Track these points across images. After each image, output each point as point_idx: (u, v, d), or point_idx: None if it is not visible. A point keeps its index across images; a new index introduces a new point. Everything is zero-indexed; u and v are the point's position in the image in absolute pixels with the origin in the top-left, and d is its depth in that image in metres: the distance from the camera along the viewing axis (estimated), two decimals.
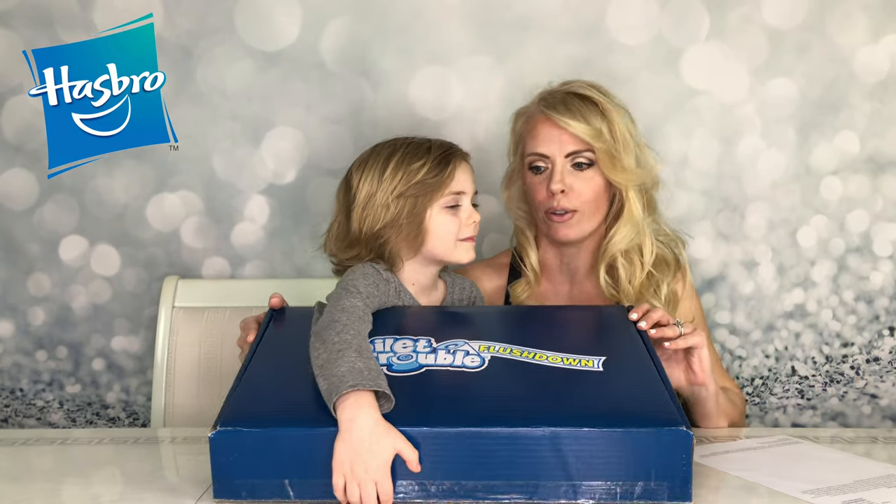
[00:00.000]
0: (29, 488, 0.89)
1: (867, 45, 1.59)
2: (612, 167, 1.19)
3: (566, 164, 1.21)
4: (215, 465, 0.80)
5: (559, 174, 1.20)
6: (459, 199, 1.14)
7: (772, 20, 1.58)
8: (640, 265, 1.22)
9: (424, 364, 0.90)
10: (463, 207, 1.14)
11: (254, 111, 1.57)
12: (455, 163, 1.14)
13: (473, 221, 1.15)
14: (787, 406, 1.66)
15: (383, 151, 1.15)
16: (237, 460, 0.80)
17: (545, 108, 1.22)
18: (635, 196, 1.21)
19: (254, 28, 1.55)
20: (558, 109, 1.20)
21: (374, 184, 1.12)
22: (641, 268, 1.22)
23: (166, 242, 1.59)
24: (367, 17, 1.56)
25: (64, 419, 1.63)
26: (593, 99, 1.20)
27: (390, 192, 1.11)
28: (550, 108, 1.21)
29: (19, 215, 1.57)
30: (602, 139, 1.18)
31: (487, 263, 1.42)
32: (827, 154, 1.62)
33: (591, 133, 1.18)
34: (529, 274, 1.31)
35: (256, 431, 0.81)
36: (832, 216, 1.63)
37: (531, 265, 1.31)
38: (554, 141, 1.21)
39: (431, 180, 1.12)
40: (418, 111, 1.58)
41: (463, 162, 1.16)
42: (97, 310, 1.60)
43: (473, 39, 1.57)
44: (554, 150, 1.21)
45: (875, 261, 1.64)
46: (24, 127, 1.56)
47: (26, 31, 1.53)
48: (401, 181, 1.11)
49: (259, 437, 0.80)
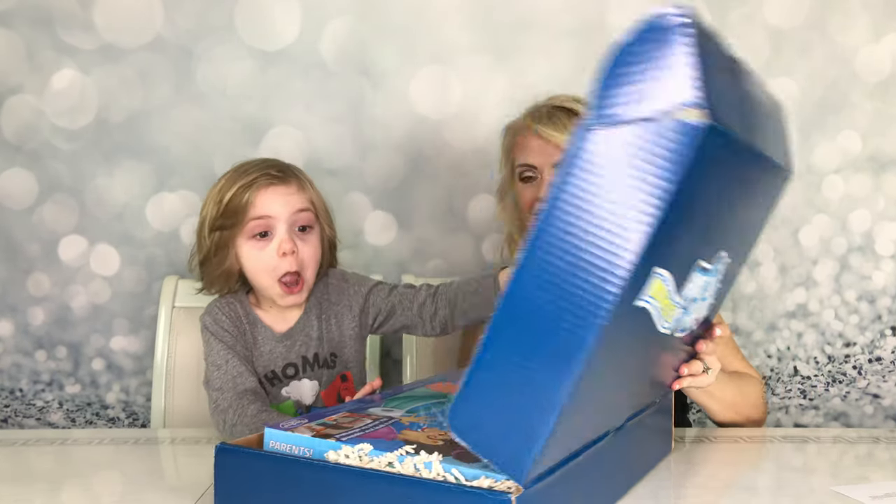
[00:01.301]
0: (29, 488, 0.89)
1: (868, 45, 1.59)
2: None
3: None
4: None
5: (548, 184, 1.21)
6: (267, 224, 1.03)
7: (773, 19, 1.58)
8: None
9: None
10: (274, 235, 1.03)
11: (254, 111, 1.57)
12: (259, 189, 1.02)
13: (284, 253, 1.02)
14: (789, 406, 1.66)
15: (222, 175, 1.08)
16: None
17: (532, 121, 1.24)
18: None
19: (254, 28, 1.55)
20: (544, 122, 1.22)
21: (203, 211, 1.06)
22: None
23: (166, 242, 1.59)
24: (367, 16, 1.56)
25: (63, 419, 1.62)
26: (577, 112, 1.22)
27: (205, 224, 1.05)
28: (537, 122, 1.23)
29: (19, 215, 1.57)
30: None
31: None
32: (829, 153, 1.62)
33: None
34: None
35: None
36: (834, 215, 1.63)
37: None
38: (542, 152, 1.23)
39: (233, 210, 1.02)
40: (418, 111, 1.58)
41: (274, 186, 1.03)
42: (97, 310, 1.60)
43: (474, 39, 1.57)
44: (542, 161, 1.23)
45: (877, 260, 1.64)
46: (24, 127, 1.55)
47: (27, 31, 1.53)
48: (212, 212, 1.03)
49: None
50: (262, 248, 1.04)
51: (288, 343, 1.12)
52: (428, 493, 0.68)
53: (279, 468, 0.75)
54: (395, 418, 0.83)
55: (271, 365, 1.12)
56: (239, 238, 1.04)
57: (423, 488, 0.69)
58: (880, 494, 0.83)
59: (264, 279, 1.05)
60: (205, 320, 1.10)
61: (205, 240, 1.05)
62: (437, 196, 1.61)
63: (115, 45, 1.54)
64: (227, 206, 1.02)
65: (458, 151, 1.60)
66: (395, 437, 0.77)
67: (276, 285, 1.05)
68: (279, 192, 1.03)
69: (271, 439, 0.78)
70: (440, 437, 0.77)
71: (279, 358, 1.13)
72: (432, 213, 1.62)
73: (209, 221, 1.04)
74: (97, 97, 1.55)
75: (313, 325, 1.14)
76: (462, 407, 0.66)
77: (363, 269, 1.58)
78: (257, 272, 1.05)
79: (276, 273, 1.05)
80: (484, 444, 0.66)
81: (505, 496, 0.64)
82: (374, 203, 1.60)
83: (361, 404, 0.89)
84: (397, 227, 1.61)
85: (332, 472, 0.72)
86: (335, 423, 0.80)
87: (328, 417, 0.83)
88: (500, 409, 0.64)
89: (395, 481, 0.70)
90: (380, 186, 1.60)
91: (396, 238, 1.61)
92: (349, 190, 1.59)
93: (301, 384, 1.14)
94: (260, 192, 1.02)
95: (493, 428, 0.65)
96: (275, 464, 0.75)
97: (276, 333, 1.12)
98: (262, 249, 1.04)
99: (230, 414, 1.02)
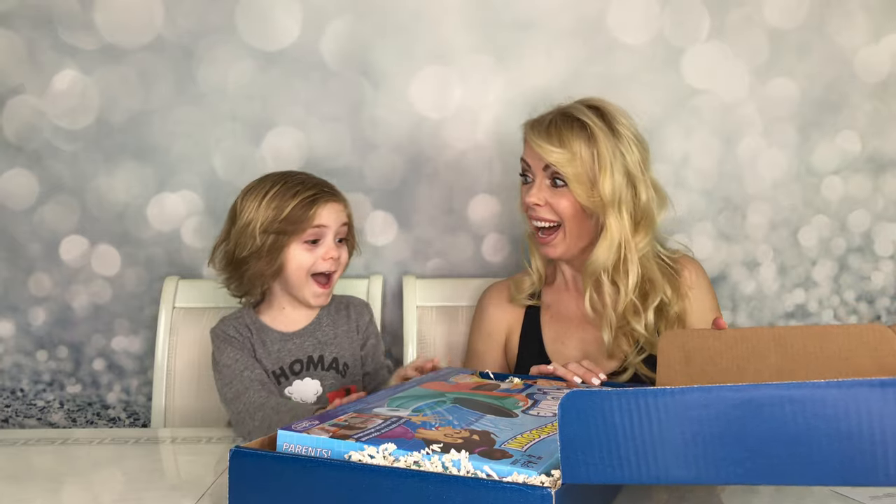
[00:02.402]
0: (29, 488, 0.89)
1: (868, 45, 1.59)
2: (583, 191, 1.20)
3: (544, 179, 1.24)
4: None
5: (536, 186, 1.24)
6: (321, 233, 1.22)
7: (772, 20, 1.58)
8: (625, 292, 1.22)
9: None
10: (323, 243, 1.22)
11: (254, 111, 1.57)
12: (321, 205, 1.22)
13: (331, 257, 1.22)
14: None
15: (266, 184, 1.24)
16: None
17: (529, 126, 1.25)
18: (615, 220, 1.20)
19: (254, 28, 1.55)
20: (538, 132, 1.22)
21: (250, 214, 1.21)
22: (626, 294, 1.22)
23: (167, 242, 1.59)
24: (367, 17, 1.56)
25: (64, 419, 1.62)
26: (583, 122, 1.21)
27: (259, 225, 1.20)
28: (532, 128, 1.24)
29: (20, 215, 1.57)
30: (574, 163, 1.19)
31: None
32: (828, 154, 1.62)
33: (562, 158, 1.19)
34: (534, 275, 1.34)
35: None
36: (833, 216, 1.63)
37: (536, 267, 1.34)
38: (535, 156, 1.24)
39: (295, 218, 1.20)
40: (418, 111, 1.58)
41: (331, 203, 1.23)
42: (98, 310, 1.60)
43: (473, 39, 1.57)
44: (535, 163, 1.25)
45: (876, 260, 1.64)
46: (25, 127, 1.56)
47: (27, 31, 1.53)
48: (270, 216, 1.20)
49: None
50: (311, 252, 1.22)
51: (297, 341, 1.27)
52: (464, 490, 0.67)
53: (302, 470, 0.73)
54: (404, 417, 0.83)
55: (279, 362, 1.25)
56: (294, 242, 1.20)
57: (458, 485, 0.67)
58: (880, 495, 0.83)
59: (302, 278, 1.22)
60: (215, 332, 1.26)
61: (254, 240, 1.20)
62: (437, 196, 1.61)
63: (116, 46, 1.54)
64: (289, 215, 1.19)
65: (458, 151, 1.60)
66: (414, 437, 0.76)
67: (312, 282, 1.23)
68: (334, 208, 1.23)
69: (285, 441, 0.76)
70: (458, 436, 0.77)
71: (287, 355, 1.25)
72: (432, 213, 1.62)
73: (263, 224, 1.19)
74: (98, 97, 1.55)
75: (322, 329, 1.29)
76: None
77: (363, 269, 1.59)
78: (300, 271, 1.22)
79: (314, 271, 1.22)
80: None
81: (546, 491, 0.64)
82: (374, 203, 1.60)
83: (366, 405, 0.89)
84: (397, 227, 1.61)
85: (359, 472, 0.71)
86: (347, 424, 0.79)
87: (338, 418, 0.82)
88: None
89: (426, 479, 0.68)
90: (380, 186, 1.60)
91: (396, 238, 1.61)
92: (349, 190, 1.58)
93: (304, 383, 1.25)
94: (321, 205, 1.21)
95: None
96: (297, 466, 0.73)
97: (284, 333, 1.27)
98: (311, 252, 1.22)
99: (250, 394, 1.14)
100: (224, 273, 1.26)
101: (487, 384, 1.03)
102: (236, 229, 1.22)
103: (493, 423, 0.82)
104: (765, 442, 0.60)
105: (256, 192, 1.23)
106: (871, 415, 0.58)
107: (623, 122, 1.23)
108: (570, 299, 1.33)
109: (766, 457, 0.60)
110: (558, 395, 0.98)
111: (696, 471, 0.62)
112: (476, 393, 0.97)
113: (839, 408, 0.59)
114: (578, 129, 1.20)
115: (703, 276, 1.32)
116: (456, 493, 0.67)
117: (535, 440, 0.77)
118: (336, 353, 1.29)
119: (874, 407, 0.58)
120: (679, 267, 1.29)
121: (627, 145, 1.22)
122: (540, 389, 1.00)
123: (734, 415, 0.61)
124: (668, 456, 0.63)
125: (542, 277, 1.35)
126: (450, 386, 1.00)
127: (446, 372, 1.10)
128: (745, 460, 0.61)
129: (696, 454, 0.62)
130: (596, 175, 1.19)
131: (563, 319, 1.33)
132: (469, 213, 1.62)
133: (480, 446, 0.73)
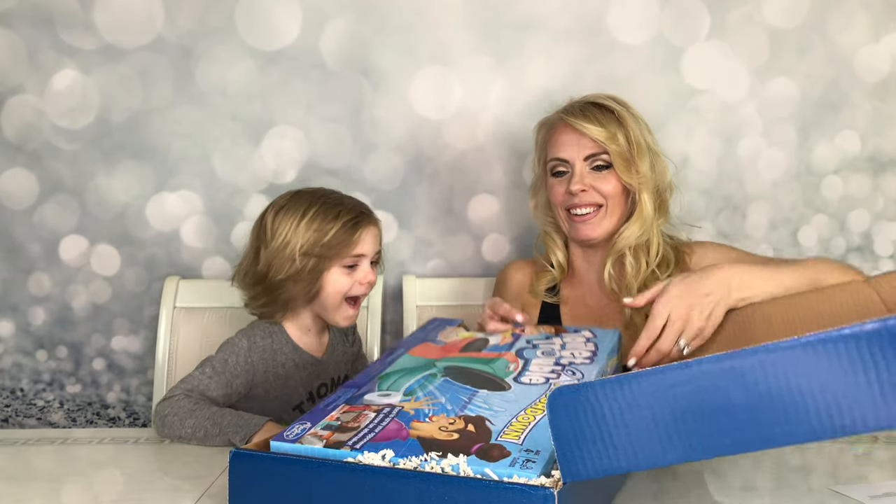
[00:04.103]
0: (29, 488, 0.89)
1: (868, 45, 1.59)
2: (627, 170, 1.26)
3: (585, 167, 1.27)
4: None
5: (579, 175, 1.27)
6: (359, 260, 1.21)
7: (772, 19, 1.58)
8: (646, 263, 1.27)
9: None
10: (360, 268, 1.21)
11: (254, 111, 1.57)
12: (363, 229, 1.20)
13: (367, 282, 1.22)
14: None
15: (301, 203, 1.20)
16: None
17: (565, 115, 1.29)
18: (648, 198, 1.27)
19: (254, 28, 1.55)
20: (576, 115, 1.27)
21: (287, 236, 1.18)
22: (647, 265, 1.27)
23: (166, 242, 1.59)
24: (367, 17, 1.56)
25: (64, 419, 1.62)
26: (610, 108, 1.27)
27: (298, 248, 1.17)
28: (569, 115, 1.28)
29: (19, 215, 1.57)
30: (617, 143, 1.25)
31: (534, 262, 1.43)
32: (828, 153, 1.62)
33: (606, 136, 1.25)
34: (556, 270, 1.37)
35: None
36: (833, 215, 1.63)
37: (558, 262, 1.37)
38: (573, 145, 1.27)
39: (337, 243, 1.18)
40: (418, 111, 1.58)
41: (371, 227, 1.22)
42: (97, 310, 1.60)
43: (474, 39, 1.57)
44: (573, 154, 1.27)
45: (876, 260, 1.64)
46: (25, 127, 1.56)
47: (27, 31, 1.53)
48: (311, 239, 1.17)
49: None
50: (349, 276, 1.20)
51: (323, 366, 1.27)
52: (466, 490, 0.67)
53: (303, 472, 0.72)
54: (395, 406, 0.82)
55: (309, 386, 1.25)
56: (334, 266, 1.19)
57: (461, 486, 0.67)
58: (879, 494, 0.83)
59: (337, 301, 1.21)
60: (240, 340, 1.21)
61: (293, 262, 1.17)
62: (437, 196, 1.61)
63: (116, 46, 1.54)
64: (332, 238, 1.17)
65: (458, 151, 1.60)
66: (409, 435, 0.75)
67: (345, 304, 1.22)
68: (373, 233, 1.22)
69: (279, 451, 0.76)
70: (452, 429, 0.76)
71: (315, 379, 1.26)
72: (432, 213, 1.62)
73: (304, 247, 1.17)
74: (98, 97, 1.55)
75: (338, 350, 1.32)
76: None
77: None
78: (336, 294, 1.20)
79: (349, 295, 1.22)
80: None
81: (548, 491, 0.64)
82: (374, 203, 1.59)
83: (356, 390, 0.88)
84: (397, 227, 1.62)
85: (361, 473, 0.70)
86: (340, 425, 0.79)
87: (329, 416, 0.81)
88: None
89: (429, 480, 0.68)
90: (380, 186, 1.60)
91: (396, 238, 1.61)
92: (349, 190, 1.57)
93: None
94: (364, 230, 1.20)
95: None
96: (299, 468, 0.73)
97: (314, 357, 1.26)
98: (349, 276, 1.20)
99: (185, 402, 1.10)
100: (251, 292, 1.22)
101: (476, 341, 1.03)
102: (270, 251, 1.18)
103: (486, 403, 0.82)
104: (750, 410, 0.60)
105: (293, 211, 1.19)
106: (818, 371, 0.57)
107: (633, 108, 1.31)
108: (589, 293, 1.36)
109: (753, 424, 0.60)
110: (547, 347, 0.99)
111: (688, 448, 0.62)
112: (465, 357, 0.97)
113: (818, 363, 0.57)
114: (608, 113, 1.27)
115: (714, 250, 1.32)
116: (458, 493, 0.67)
117: (530, 425, 0.77)
118: (345, 370, 1.33)
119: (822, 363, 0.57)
120: (688, 250, 1.33)
121: (645, 127, 1.30)
122: (529, 342, 1.02)
123: (717, 385, 0.60)
124: (662, 438, 0.62)
125: (563, 271, 1.37)
126: (438, 349, 1.00)
127: (434, 326, 1.10)
128: (733, 430, 0.60)
129: (686, 431, 0.61)
130: (633, 154, 1.26)
131: (583, 312, 1.34)
132: (469, 213, 1.62)
133: (477, 442, 0.73)
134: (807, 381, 0.57)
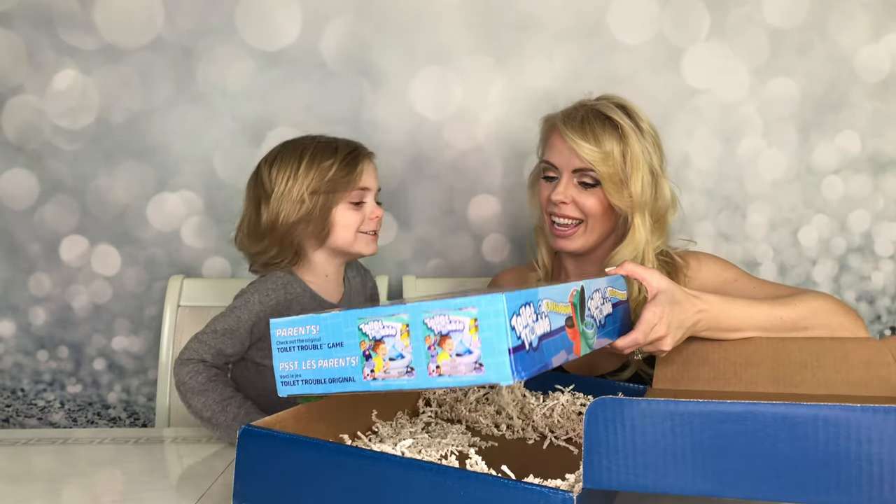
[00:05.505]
0: (29, 488, 0.89)
1: (868, 45, 1.59)
2: (617, 192, 1.19)
3: (572, 180, 1.22)
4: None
5: (563, 185, 1.22)
6: (364, 195, 1.23)
7: (773, 19, 1.58)
8: (638, 289, 1.20)
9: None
10: (367, 204, 1.24)
11: (254, 111, 1.57)
12: (363, 162, 1.23)
13: (376, 216, 1.25)
14: None
15: (294, 149, 1.22)
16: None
17: (562, 122, 1.22)
18: (641, 221, 1.20)
19: (254, 28, 1.55)
20: (573, 128, 1.19)
21: (289, 180, 1.19)
22: (639, 291, 1.20)
23: (167, 242, 1.59)
24: (367, 17, 1.56)
25: (65, 419, 1.63)
26: (615, 121, 1.20)
27: (305, 188, 1.19)
28: (567, 125, 1.21)
29: (20, 215, 1.58)
30: (608, 163, 1.18)
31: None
32: (828, 153, 1.62)
33: (599, 157, 1.18)
34: (539, 270, 1.34)
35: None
36: (833, 215, 1.63)
37: (542, 261, 1.33)
38: (565, 153, 1.21)
39: (342, 178, 1.20)
40: (418, 111, 1.58)
41: (369, 161, 1.25)
42: (98, 310, 1.60)
43: (474, 39, 1.57)
44: (563, 163, 1.22)
45: (876, 260, 1.64)
46: (26, 127, 1.56)
47: (27, 31, 1.54)
48: (314, 178, 1.19)
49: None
50: (357, 212, 1.23)
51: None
52: (483, 487, 0.66)
53: (316, 454, 0.69)
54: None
55: None
56: (341, 202, 1.21)
57: (478, 482, 0.66)
58: None
59: (350, 235, 1.23)
60: (251, 297, 1.21)
61: (303, 203, 1.18)
62: (437, 196, 1.61)
63: (116, 46, 1.54)
64: (336, 173, 1.19)
65: (458, 151, 1.60)
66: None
67: (362, 237, 1.24)
68: (373, 167, 1.25)
69: (277, 328, 0.74)
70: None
71: None
72: (432, 213, 1.62)
73: (311, 186, 1.18)
74: (98, 97, 1.56)
75: (353, 296, 1.32)
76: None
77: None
78: (347, 229, 1.22)
79: (363, 229, 1.24)
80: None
81: (567, 495, 0.63)
82: None
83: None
84: (397, 227, 1.62)
85: (377, 460, 0.69)
86: None
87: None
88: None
89: (445, 473, 0.67)
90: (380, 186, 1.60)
91: (396, 238, 1.62)
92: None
93: None
94: (363, 164, 1.22)
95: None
96: (311, 449, 0.70)
97: (330, 304, 1.26)
98: (357, 212, 1.23)
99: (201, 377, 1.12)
100: (259, 247, 1.22)
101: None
102: (275, 198, 1.19)
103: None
104: (795, 462, 0.59)
105: (289, 159, 1.21)
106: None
107: (645, 120, 1.23)
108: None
109: (794, 476, 0.59)
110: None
111: (720, 484, 0.62)
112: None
113: (872, 432, 0.58)
114: (611, 128, 1.19)
115: (709, 267, 1.27)
116: (475, 489, 0.65)
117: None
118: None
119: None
120: (684, 264, 1.28)
121: (652, 145, 1.22)
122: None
123: (766, 431, 0.60)
124: (696, 467, 0.62)
125: (548, 272, 1.34)
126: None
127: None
128: (772, 478, 0.60)
129: (724, 468, 0.61)
130: (627, 175, 1.19)
131: None
132: (469, 213, 1.62)
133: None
134: (867, 447, 0.57)
